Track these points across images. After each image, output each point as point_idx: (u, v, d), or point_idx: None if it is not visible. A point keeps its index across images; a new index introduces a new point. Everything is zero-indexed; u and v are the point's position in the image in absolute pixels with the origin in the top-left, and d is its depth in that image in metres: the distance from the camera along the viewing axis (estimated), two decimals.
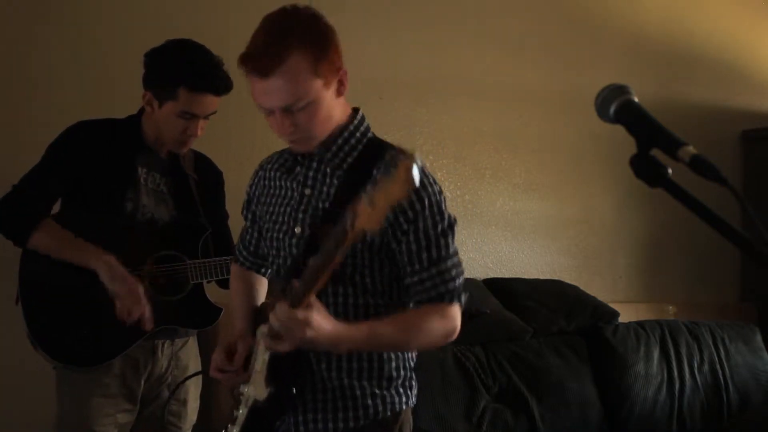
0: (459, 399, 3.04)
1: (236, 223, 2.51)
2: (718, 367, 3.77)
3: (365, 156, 1.70)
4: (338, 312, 1.67)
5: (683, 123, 3.77)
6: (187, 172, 2.43)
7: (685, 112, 4.28)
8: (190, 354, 2.45)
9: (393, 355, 1.75)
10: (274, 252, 1.80)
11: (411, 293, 1.70)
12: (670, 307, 4.19)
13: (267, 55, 1.57)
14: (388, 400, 1.75)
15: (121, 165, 2.31)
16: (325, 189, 1.71)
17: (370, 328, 1.63)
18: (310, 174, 1.73)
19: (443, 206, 1.69)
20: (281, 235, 1.76)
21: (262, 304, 1.95)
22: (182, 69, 2.21)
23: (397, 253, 1.68)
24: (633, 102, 1.03)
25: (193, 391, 2.45)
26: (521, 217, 3.93)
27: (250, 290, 1.96)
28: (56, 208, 2.34)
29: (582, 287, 3.77)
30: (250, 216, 1.93)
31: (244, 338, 1.79)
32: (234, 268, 2.03)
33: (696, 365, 3.71)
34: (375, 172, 1.33)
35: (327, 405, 1.72)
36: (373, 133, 1.77)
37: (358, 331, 1.61)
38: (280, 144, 1.85)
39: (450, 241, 1.69)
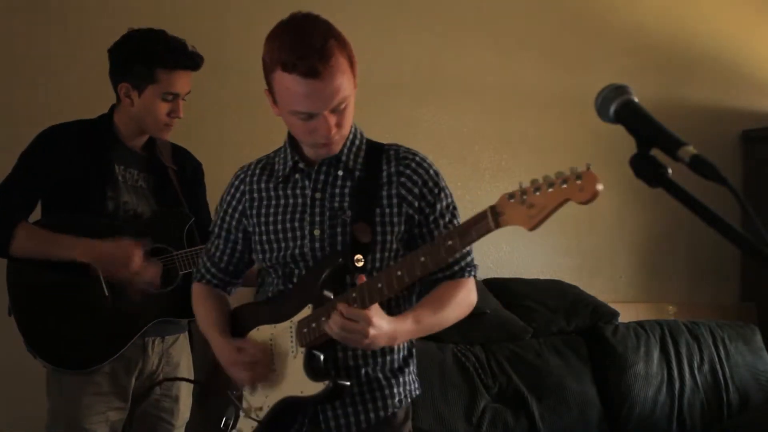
0: (459, 399, 3.04)
1: None
2: (718, 367, 3.76)
3: (370, 157, 1.74)
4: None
5: (683, 123, 3.77)
6: (166, 163, 2.43)
7: (686, 112, 4.27)
8: (181, 351, 2.45)
9: (400, 346, 1.77)
10: (287, 260, 1.75)
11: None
12: (670, 307, 4.19)
13: (316, 54, 1.54)
14: (408, 387, 1.79)
15: (98, 164, 2.30)
16: (337, 191, 1.72)
17: (414, 316, 1.67)
18: (321, 178, 1.73)
19: (445, 185, 1.78)
20: (297, 242, 1.72)
21: (248, 306, 1.91)
22: (156, 51, 2.23)
23: (417, 238, 1.73)
24: (633, 102, 1.03)
25: (185, 387, 2.45)
26: None
27: (222, 305, 1.91)
28: (37, 214, 2.31)
29: (582, 287, 3.76)
30: (223, 233, 1.87)
31: (233, 342, 1.79)
32: (197, 289, 1.94)
33: (696, 365, 3.71)
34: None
35: (355, 397, 1.73)
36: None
37: (406, 322, 1.65)
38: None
39: (459, 217, 1.77)
